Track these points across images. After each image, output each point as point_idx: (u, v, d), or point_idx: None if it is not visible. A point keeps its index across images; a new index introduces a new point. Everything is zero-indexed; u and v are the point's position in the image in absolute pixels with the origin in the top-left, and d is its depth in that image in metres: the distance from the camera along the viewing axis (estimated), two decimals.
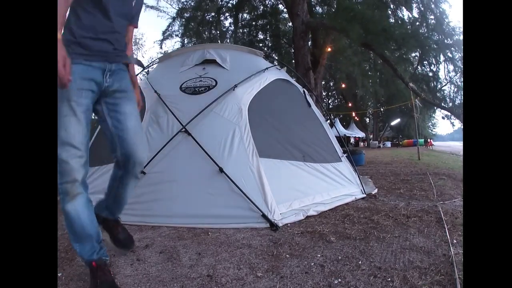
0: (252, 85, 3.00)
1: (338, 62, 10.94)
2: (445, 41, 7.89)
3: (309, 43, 8.53)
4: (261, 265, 1.53)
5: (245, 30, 10.90)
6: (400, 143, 21.84)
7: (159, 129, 2.62)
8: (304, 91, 3.63)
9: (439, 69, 10.03)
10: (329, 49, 8.29)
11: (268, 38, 11.18)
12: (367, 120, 25.18)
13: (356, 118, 22.97)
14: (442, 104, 9.59)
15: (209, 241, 1.88)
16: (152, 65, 4.02)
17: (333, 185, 2.90)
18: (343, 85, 15.48)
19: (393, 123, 22.86)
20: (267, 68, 3.27)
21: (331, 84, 21.34)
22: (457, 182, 3.79)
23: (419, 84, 9.52)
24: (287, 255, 1.64)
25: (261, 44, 10.93)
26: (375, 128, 24.99)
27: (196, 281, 1.36)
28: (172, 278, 1.39)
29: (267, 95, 3.02)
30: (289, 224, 2.19)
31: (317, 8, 10.16)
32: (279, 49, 10.84)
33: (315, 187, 2.73)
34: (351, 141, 24.17)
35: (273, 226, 2.11)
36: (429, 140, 21.75)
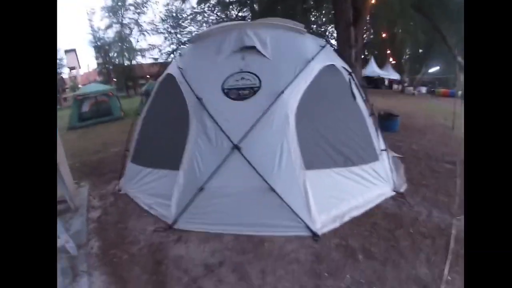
0: (298, 85, 2.98)
1: (379, 9, 9.81)
2: None
3: None
4: (308, 283, 2.02)
5: None
6: (435, 91, 20.46)
7: (208, 142, 2.84)
8: (349, 79, 3.50)
9: None
10: (373, 0, 7.44)
11: None
12: (403, 61, 23.05)
13: (392, 60, 21.25)
14: None
15: (266, 254, 2.34)
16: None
17: (367, 187, 3.14)
18: (384, 35, 14.01)
19: (431, 70, 20.97)
20: (313, 58, 3.16)
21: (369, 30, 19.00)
22: None
23: None
24: (326, 274, 2.12)
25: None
26: (410, 73, 22.86)
27: None
28: None
29: (313, 94, 3.02)
30: (327, 234, 2.57)
31: None
32: (320, 8, 9.67)
33: (351, 191, 3.01)
34: (385, 83, 22.88)
35: (314, 235, 2.52)
36: None
